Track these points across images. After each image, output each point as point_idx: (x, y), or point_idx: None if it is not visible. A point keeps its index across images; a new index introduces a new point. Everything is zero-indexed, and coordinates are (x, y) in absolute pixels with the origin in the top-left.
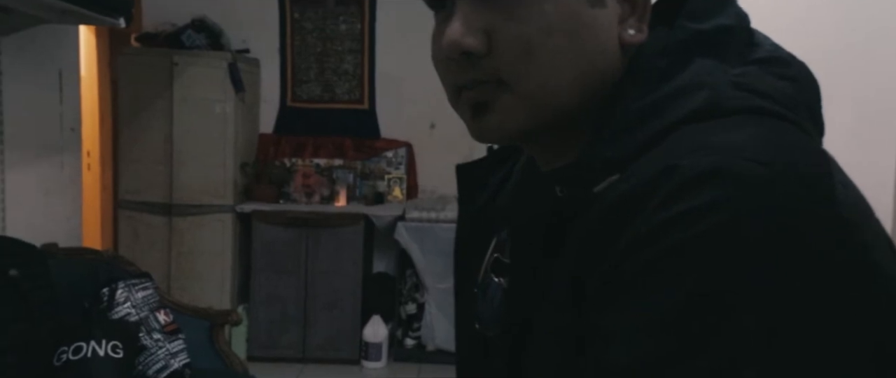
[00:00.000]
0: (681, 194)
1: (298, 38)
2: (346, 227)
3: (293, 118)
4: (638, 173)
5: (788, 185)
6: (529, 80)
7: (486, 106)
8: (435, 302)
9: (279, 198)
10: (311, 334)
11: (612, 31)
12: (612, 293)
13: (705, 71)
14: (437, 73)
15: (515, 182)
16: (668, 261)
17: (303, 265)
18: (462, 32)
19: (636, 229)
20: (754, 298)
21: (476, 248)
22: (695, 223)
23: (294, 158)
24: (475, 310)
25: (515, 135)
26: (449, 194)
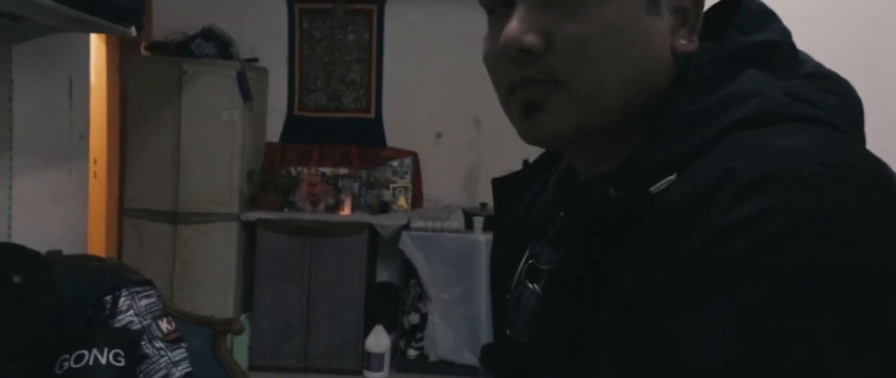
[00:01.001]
0: (746, 196)
1: (307, 48)
2: (350, 236)
3: (300, 127)
4: (697, 176)
5: (852, 185)
6: (585, 80)
7: (539, 106)
8: (438, 312)
9: (284, 206)
10: (314, 343)
11: (665, 40)
12: (681, 296)
13: (756, 80)
14: (488, 72)
15: (551, 195)
16: (740, 263)
17: (306, 274)
18: (522, 30)
19: (703, 232)
20: (834, 299)
21: (511, 259)
22: (765, 225)
23: (300, 167)
24: (507, 316)
25: (566, 136)
26: (454, 204)
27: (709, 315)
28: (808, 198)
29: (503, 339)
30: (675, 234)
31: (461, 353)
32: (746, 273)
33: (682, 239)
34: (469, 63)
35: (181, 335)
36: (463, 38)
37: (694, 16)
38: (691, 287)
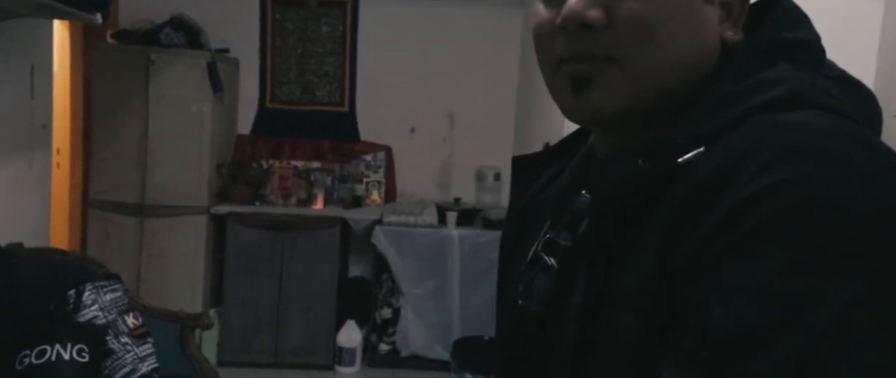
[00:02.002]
0: (773, 166)
1: (279, 39)
2: (322, 231)
3: (272, 119)
4: (726, 149)
5: (876, 162)
6: (640, 59)
7: (590, 82)
8: (411, 307)
9: (255, 199)
10: (285, 339)
11: (715, 29)
12: (708, 262)
13: (788, 70)
14: (536, 45)
15: (569, 178)
16: (766, 229)
17: (278, 268)
18: (586, 5)
19: (731, 199)
20: (857, 265)
21: (523, 235)
22: (790, 193)
23: (271, 160)
24: (520, 287)
25: (613, 113)
26: (427, 199)
27: (735, 279)
28: (832, 170)
29: (511, 312)
30: (703, 203)
31: (433, 348)
32: (772, 239)
33: (710, 207)
34: (444, 58)
35: (148, 330)
36: (438, 34)
37: (739, 9)
38: (719, 253)
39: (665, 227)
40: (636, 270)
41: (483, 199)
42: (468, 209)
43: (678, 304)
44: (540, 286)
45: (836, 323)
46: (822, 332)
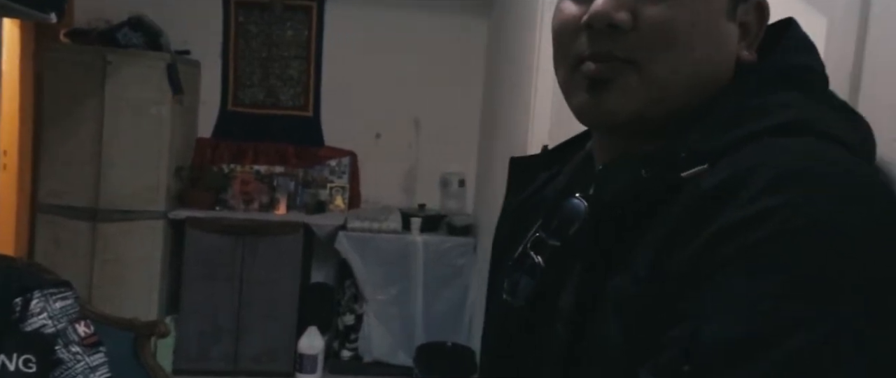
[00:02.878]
0: (772, 189)
1: (242, 42)
2: (285, 236)
3: (233, 123)
4: (731, 164)
5: (871, 192)
6: (662, 64)
7: (607, 83)
8: (374, 313)
9: (216, 204)
10: (244, 346)
11: (733, 47)
12: (702, 275)
13: (796, 97)
14: (556, 42)
15: (564, 182)
16: (760, 250)
17: (238, 274)
18: (614, 6)
19: (728, 218)
20: (844, 292)
21: (515, 235)
22: (787, 217)
23: (233, 164)
24: (508, 285)
25: (627, 117)
26: (392, 205)
27: (726, 294)
28: (828, 197)
29: (498, 307)
30: (704, 215)
31: (396, 354)
32: (765, 260)
33: (710, 220)
34: (410, 64)
35: (100, 339)
36: (404, 40)
37: (756, 31)
38: (713, 267)
39: (664, 234)
40: (631, 274)
41: (448, 205)
42: (433, 215)
43: (667, 312)
44: (526, 285)
45: (819, 346)
46: (805, 354)
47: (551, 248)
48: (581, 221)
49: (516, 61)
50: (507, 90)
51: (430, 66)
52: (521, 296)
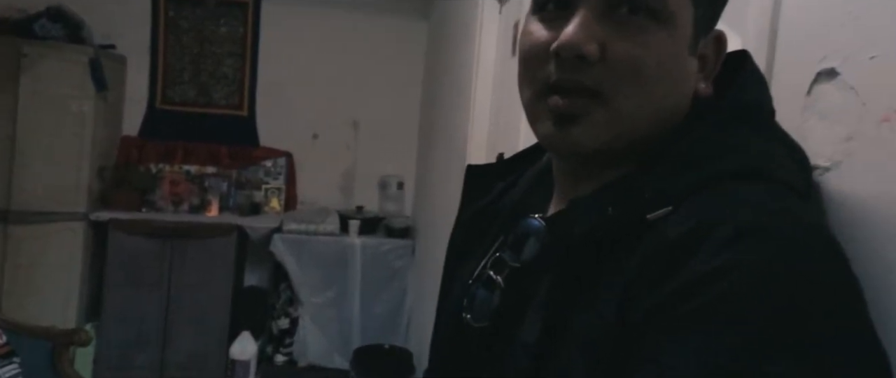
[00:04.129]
0: (729, 247)
1: (172, 37)
2: (217, 239)
3: (162, 121)
4: (691, 217)
5: (819, 249)
6: (627, 98)
7: (574, 118)
8: (310, 316)
9: (142, 206)
10: (172, 353)
11: (693, 81)
12: (664, 326)
13: (746, 138)
14: (523, 66)
15: (520, 193)
16: (718, 307)
17: (165, 278)
18: (584, 38)
19: (690, 272)
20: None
21: (470, 245)
22: (742, 275)
23: (161, 164)
24: (466, 301)
25: (591, 149)
26: (330, 207)
27: (687, 346)
28: (779, 256)
29: (452, 319)
30: (667, 268)
31: (332, 358)
32: (719, 317)
33: (672, 274)
34: (349, 66)
35: (13, 349)
36: (343, 41)
37: (713, 64)
38: (676, 320)
39: (630, 279)
40: (598, 315)
41: (386, 207)
42: (371, 217)
43: (631, 355)
44: (481, 301)
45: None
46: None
47: (511, 269)
48: (540, 243)
49: (456, 66)
50: (447, 94)
51: (369, 68)
52: (479, 314)
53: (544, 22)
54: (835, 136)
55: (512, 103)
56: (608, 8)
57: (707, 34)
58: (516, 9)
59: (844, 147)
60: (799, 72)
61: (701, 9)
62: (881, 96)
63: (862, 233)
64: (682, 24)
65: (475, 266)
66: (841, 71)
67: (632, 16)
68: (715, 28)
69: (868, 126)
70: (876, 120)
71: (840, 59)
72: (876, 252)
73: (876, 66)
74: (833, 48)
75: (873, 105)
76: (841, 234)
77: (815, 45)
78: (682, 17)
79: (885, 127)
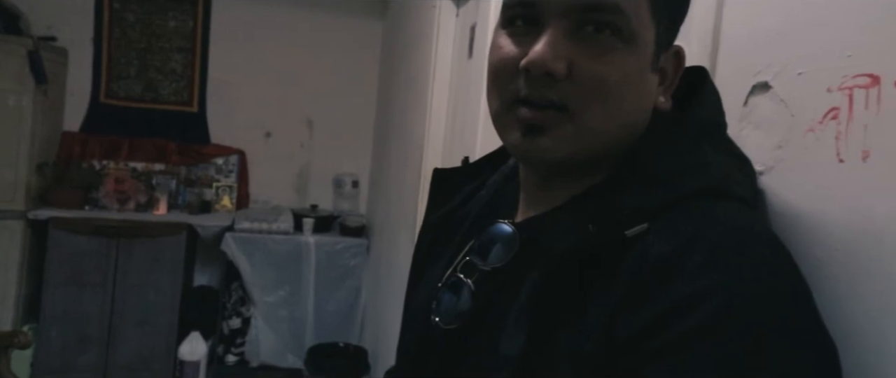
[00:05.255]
0: (713, 263)
1: (117, 30)
2: (165, 237)
3: (106, 116)
4: (669, 237)
5: (788, 263)
6: (593, 114)
7: (542, 129)
8: (262, 316)
9: (85, 203)
10: (116, 354)
11: (654, 96)
12: (657, 347)
13: (709, 156)
14: (492, 78)
15: (487, 197)
16: (702, 329)
17: (110, 278)
18: (552, 56)
19: (678, 292)
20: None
21: (438, 249)
22: (723, 296)
23: (105, 160)
24: (435, 304)
25: (559, 159)
26: (283, 205)
27: (679, 371)
28: (754, 276)
29: (421, 324)
30: (651, 288)
31: (285, 357)
32: (709, 337)
33: (656, 294)
34: (303, 63)
35: None
36: (297, 39)
37: (672, 78)
38: (665, 343)
39: (616, 299)
40: (583, 333)
41: (340, 206)
42: (325, 216)
43: (617, 373)
44: (448, 303)
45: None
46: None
47: (481, 273)
48: (510, 250)
49: (412, 67)
50: (403, 94)
51: (324, 66)
52: (447, 317)
53: (513, 37)
54: (767, 143)
55: (469, 105)
56: (575, 27)
57: (667, 50)
58: (473, 12)
59: (775, 154)
60: (737, 84)
61: (662, 27)
62: (807, 109)
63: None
64: (645, 42)
65: (443, 269)
66: (773, 85)
67: (597, 35)
68: (674, 43)
69: (796, 135)
70: (803, 130)
71: (772, 74)
72: (804, 249)
73: (803, 82)
74: (766, 63)
75: (801, 116)
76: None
77: (751, 60)
78: (644, 37)
79: (811, 136)
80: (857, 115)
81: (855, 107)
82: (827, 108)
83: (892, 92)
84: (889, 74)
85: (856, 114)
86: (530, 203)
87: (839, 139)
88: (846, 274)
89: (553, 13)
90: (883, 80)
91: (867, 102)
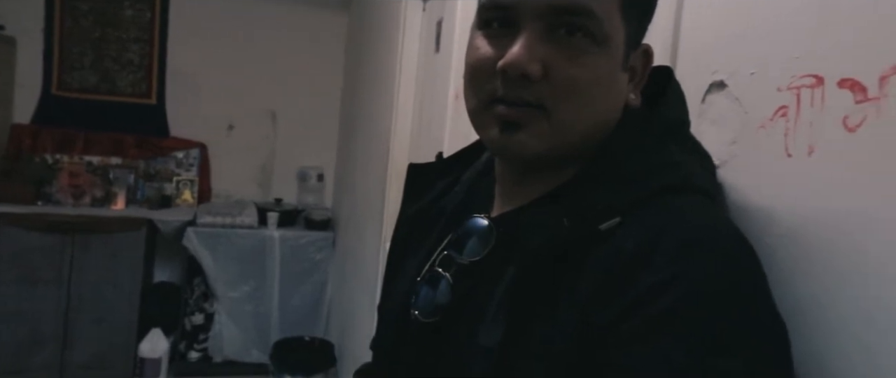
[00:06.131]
0: (681, 254)
1: (70, 20)
2: (123, 233)
3: (59, 108)
4: (642, 230)
5: (748, 254)
6: (568, 112)
7: (519, 126)
8: (226, 311)
9: (37, 198)
10: (73, 353)
11: (624, 93)
12: (628, 335)
13: (675, 154)
14: (469, 78)
15: (462, 191)
16: (671, 314)
17: (66, 275)
18: (528, 59)
19: (647, 280)
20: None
21: (414, 244)
22: (689, 285)
23: (59, 154)
24: (414, 298)
25: (535, 154)
26: (246, 199)
27: (646, 351)
28: (717, 266)
29: (399, 318)
30: (623, 280)
31: (249, 352)
32: (676, 321)
33: (628, 285)
34: (266, 55)
35: None
36: (260, 30)
37: (641, 75)
38: (634, 328)
39: (587, 293)
40: (558, 324)
41: (305, 199)
42: (290, 210)
43: (592, 362)
44: (426, 297)
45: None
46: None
47: (459, 267)
48: (487, 244)
49: (379, 59)
50: (369, 87)
51: (287, 58)
52: (426, 310)
53: (489, 38)
54: (723, 139)
55: (436, 98)
56: (549, 29)
57: (636, 49)
58: (439, 7)
59: (730, 149)
60: (695, 82)
61: (631, 28)
62: (759, 107)
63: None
64: (616, 44)
65: (421, 263)
66: (728, 83)
67: (570, 37)
68: (642, 42)
69: (749, 131)
70: (755, 126)
71: (727, 74)
72: (756, 237)
73: (755, 81)
74: (722, 63)
75: (753, 114)
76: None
77: (708, 61)
78: (615, 39)
79: (762, 132)
80: (803, 113)
81: (802, 105)
82: (777, 106)
83: (835, 91)
84: (832, 75)
85: (802, 112)
86: (506, 198)
87: (788, 135)
88: (792, 259)
89: (528, 16)
90: (826, 81)
91: (813, 101)
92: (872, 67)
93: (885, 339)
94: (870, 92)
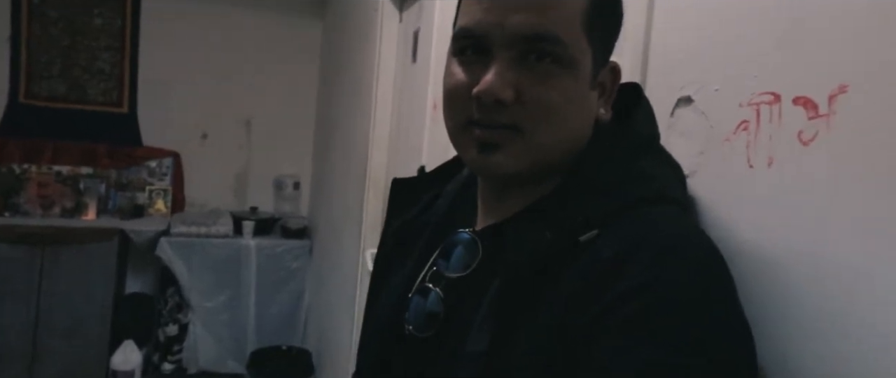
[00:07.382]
0: (653, 264)
1: (38, 27)
2: (95, 244)
3: (27, 117)
4: (619, 239)
5: (718, 262)
6: (542, 133)
7: (495, 146)
8: (201, 321)
9: (5, 210)
10: (42, 368)
11: (595, 109)
12: (603, 336)
13: (648, 167)
14: (447, 102)
15: (446, 205)
16: (646, 317)
17: (35, 288)
18: (500, 86)
19: (624, 287)
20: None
21: (399, 257)
22: (663, 289)
23: (27, 164)
24: (408, 314)
25: (513, 173)
26: (221, 208)
27: (622, 350)
28: (688, 273)
29: (387, 332)
30: (600, 286)
31: (225, 362)
32: (649, 322)
33: (605, 290)
34: (240, 63)
35: None
36: (232, 38)
37: (610, 90)
38: (610, 328)
39: (569, 299)
40: (541, 330)
41: (281, 207)
42: (266, 218)
43: (572, 364)
44: (417, 310)
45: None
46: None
47: (447, 281)
48: (474, 257)
49: (356, 68)
50: (345, 96)
51: (261, 66)
52: (418, 324)
53: (463, 65)
54: (691, 150)
55: (414, 108)
56: (520, 56)
57: (604, 66)
58: (416, 17)
59: (697, 160)
60: (664, 97)
61: (597, 49)
62: (723, 121)
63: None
64: (584, 66)
65: (409, 277)
66: (695, 99)
67: (539, 62)
68: (610, 60)
69: (714, 144)
70: (720, 139)
71: (694, 89)
72: (721, 243)
73: (719, 97)
74: (689, 79)
75: (718, 127)
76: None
77: (676, 77)
78: (582, 62)
79: (727, 145)
80: (763, 127)
81: (761, 120)
82: (739, 120)
83: (790, 108)
84: (787, 93)
85: (762, 126)
86: (489, 212)
87: (749, 148)
88: (756, 264)
89: (499, 45)
90: (783, 98)
91: (771, 117)
92: (823, 86)
93: (843, 342)
94: (821, 109)
